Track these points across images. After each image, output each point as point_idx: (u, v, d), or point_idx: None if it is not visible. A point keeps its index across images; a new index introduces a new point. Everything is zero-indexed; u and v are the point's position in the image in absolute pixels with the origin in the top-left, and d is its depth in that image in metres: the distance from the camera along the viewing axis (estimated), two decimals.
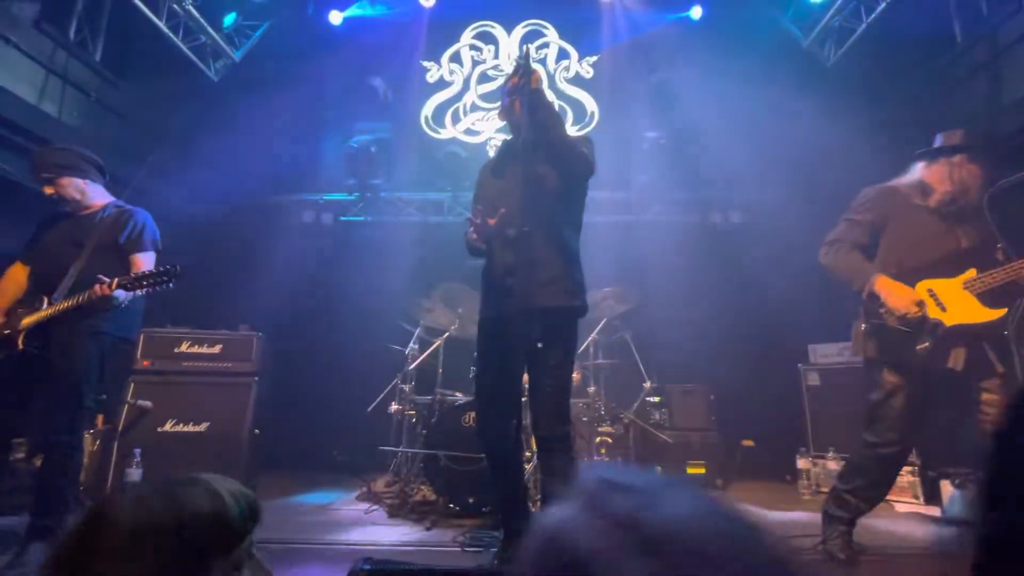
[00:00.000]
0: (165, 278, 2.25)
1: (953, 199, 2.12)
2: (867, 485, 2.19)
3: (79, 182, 2.50)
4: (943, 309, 2.00)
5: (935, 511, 3.23)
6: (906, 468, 3.40)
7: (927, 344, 1.97)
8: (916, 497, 3.38)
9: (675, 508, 0.36)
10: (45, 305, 2.32)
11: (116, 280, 2.23)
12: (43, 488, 2.25)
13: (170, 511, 0.69)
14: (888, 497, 3.41)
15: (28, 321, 2.30)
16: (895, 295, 2.03)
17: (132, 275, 2.27)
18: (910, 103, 4.39)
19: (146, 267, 2.45)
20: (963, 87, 4.10)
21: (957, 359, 1.97)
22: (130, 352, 3.41)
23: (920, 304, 2.00)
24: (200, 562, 0.69)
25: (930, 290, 2.04)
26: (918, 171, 2.24)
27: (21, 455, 2.95)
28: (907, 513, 3.32)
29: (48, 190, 2.46)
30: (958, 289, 2.02)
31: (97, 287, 2.22)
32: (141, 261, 2.49)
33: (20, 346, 2.27)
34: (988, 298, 1.99)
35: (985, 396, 2.00)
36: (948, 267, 2.05)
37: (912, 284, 2.06)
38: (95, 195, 2.58)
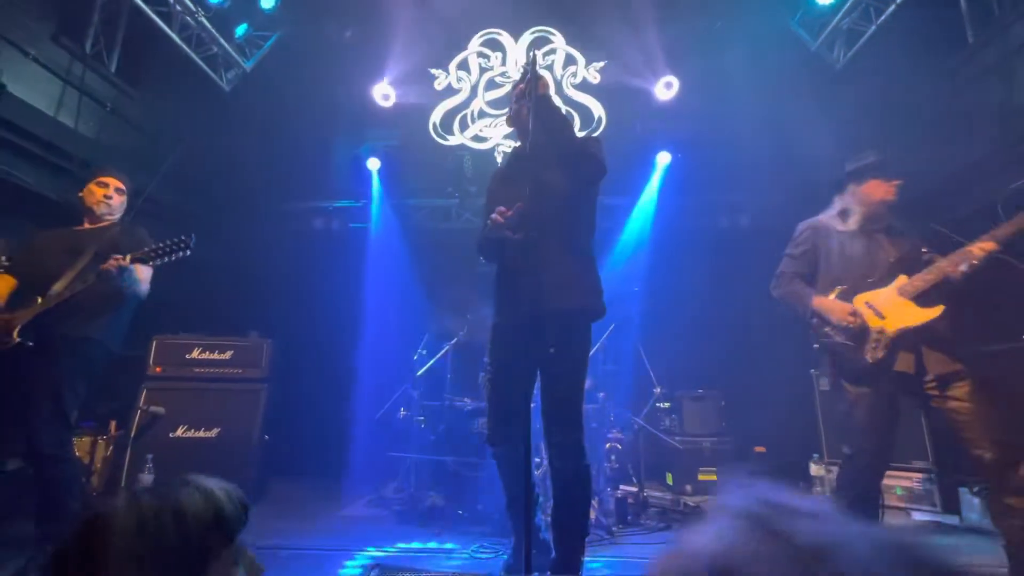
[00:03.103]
0: (182, 246, 2.27)
1: (868, 219, 2.26)
2: (855, 499, 2.17)
3: (121, 201, 2.65)
4: (882, 317, 2.09)
5: (953, 519, 3.17)
6: (922, 476, 3.35)
7: (875, 352, 2.05)
8: (934, 505, 3.31)
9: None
10: (39, 302, 2.23)
11: (130, 255, 2.21)
12: (43, 498, 2.24)
13: (168, 511, 0.70)
14: (906, 505, 3.39)
15: (24, 314, 2.21)
16: (831, 311, 2.17)
17: (147, 248, 2.27)
18: (921, 105, 4.35)
19: (144, 276, 2.44)
20: (974, 88, 4.05)
21: (906, 362, 2.05)
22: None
23: (855, 314, 2.10)
24: (200, 557, 0.71)
25: (867, 302, 2.14)
26: (838, 197, 2.38)
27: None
28: (925, 521, 3.26)
29: (105, 197, 2.55)
30: (893, 296, 2.12)
31: (112, 260, 2.18)
32: (142, 270, 2.45)
33: (15, 338, 2.17)
34: (923, 300, 2.07)
35: (953, 404, 1.99)
36: (881, 279, 2.16)
37: (850, 301, 2.17)
38: (118, 214, 2.68)
